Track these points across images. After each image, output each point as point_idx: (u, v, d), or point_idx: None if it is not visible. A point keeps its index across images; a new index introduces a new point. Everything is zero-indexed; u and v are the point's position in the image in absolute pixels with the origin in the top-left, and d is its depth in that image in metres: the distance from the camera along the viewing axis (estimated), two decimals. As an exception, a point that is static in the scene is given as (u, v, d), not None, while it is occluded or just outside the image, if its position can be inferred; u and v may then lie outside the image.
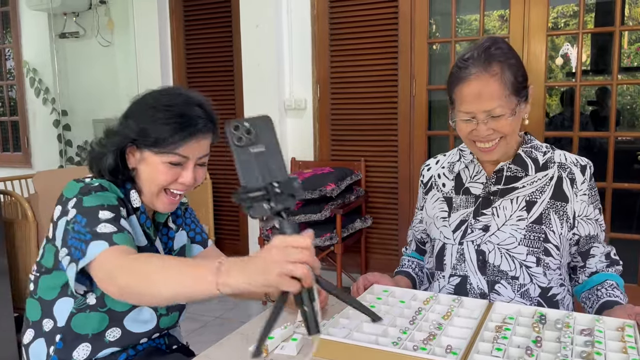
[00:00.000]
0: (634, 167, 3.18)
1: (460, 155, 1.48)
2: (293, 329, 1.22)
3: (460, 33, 3.65)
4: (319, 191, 3.21)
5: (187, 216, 1.44)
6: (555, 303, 1.36)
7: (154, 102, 1.18)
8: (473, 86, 1.25)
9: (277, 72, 3.69)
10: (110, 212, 1.11)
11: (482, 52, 1.26)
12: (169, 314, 1.31)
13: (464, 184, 1.44)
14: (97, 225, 1.08)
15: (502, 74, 1.25)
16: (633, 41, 4.90)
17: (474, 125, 1.28)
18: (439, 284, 1.43)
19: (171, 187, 1.21)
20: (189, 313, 1.47)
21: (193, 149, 1.18)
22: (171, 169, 1.18)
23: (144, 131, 1.16)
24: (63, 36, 4.55)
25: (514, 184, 1.38)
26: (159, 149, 1.16)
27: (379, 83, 3.54)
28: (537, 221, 1.33)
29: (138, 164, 1.21)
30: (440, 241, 1.43)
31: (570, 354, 1.02)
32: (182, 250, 1.38)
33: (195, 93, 1.24)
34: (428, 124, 3.47)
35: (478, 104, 1.25)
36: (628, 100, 4.78)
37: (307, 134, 3.77)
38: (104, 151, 1.20)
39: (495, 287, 1.35)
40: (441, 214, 1.45)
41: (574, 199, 1.35)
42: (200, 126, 1.17)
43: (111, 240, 1.05)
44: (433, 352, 1.03)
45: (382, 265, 3.54)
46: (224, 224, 4.23)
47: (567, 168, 1.38)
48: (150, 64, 4.14)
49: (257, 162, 0.86)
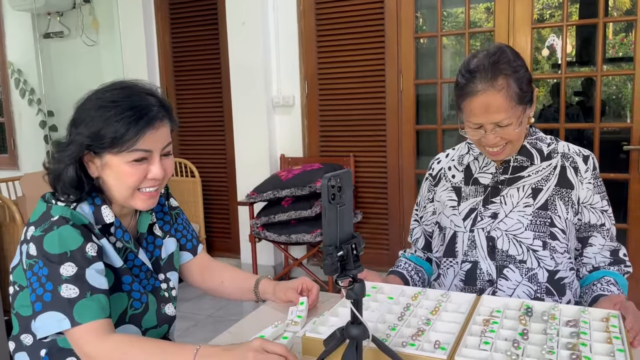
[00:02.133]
0: (620, 157, 3.20)
1: (469, 148, 1.53)
2: (284, 328, 1.23)
3: (446, 26, 3.66)
4: (309, 187, 3.21)
5: (179, 222, 1.40)
6: (562, 287, 1.40)
7: (100, 102, 1.11)
8: (480, 100, 1.30)
9: (265, 69, 3.68)
10: (73, 264, 1.05)
11: (490, 65, 1.30)
12: (158, 328, 1.27)
13: (473, 175, 1.49)
14: (59, 284, 1.04)
15: (507, 88, 1.30)
16: (618, 32, 4.93)
17: (482, 133, 1.34)
18: (454, 270, 1.47)
19: (143, 187, 1.15)
20: (179, 312, 1.48)
21: (153, 140, 1.12)
22: (137, 167, 1.12)
23: (97, 134, 1.09)
24: (47, 36, 4.51)
25: (520, 173, 1.44)
26: (119, 149, 1.09)
27: (367, 78, 3.55)
28: (543, 207, 1.39)
29: (101, 171, 1.14)
30: (451, 229, 1.48)
31: (556, 345, 1.04)
32: (171, 258, 1.33)
33: (142, 82, 1.18)
34: (416, 118, 3.48)
35: (486, 117, 1.31)
36: (614, 91, 4.82)
37: (296, 131, 3.78)
38: (60, 166, 1.12)
39: (504, 272, 1.40)
40: (450, 202, 1.50)
41: (579, 186, 1.41)
42: (154, 113, 1.11)
43: (72, 315, 1.02)
44: (422, 348, 1.05)
45: (373, 259, 3.56)
46: (214, 223, 4.22)
47: (570, 157, 1.44)
48: (136, 63, 4.11)
49: (338, 218, 0.92)
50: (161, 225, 1.34)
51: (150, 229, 1.31)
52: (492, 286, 1.40)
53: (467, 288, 1.44)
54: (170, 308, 1.30)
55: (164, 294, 1.29)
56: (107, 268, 1.14)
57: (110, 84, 1.17)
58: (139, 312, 1.21)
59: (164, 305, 1.28)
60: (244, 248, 3.90)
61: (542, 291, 1.39)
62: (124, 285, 1.19)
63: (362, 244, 0.96)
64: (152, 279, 1.27)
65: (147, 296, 1.23)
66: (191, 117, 4.17)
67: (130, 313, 1.20)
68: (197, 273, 1.44)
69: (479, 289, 1.42)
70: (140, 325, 1.22)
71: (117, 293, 1.17)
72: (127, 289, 1.19)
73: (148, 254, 1.29)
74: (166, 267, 1.32)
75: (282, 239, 3.29)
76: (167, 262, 1.32)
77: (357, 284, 0.94)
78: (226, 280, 1.44)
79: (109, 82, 1.18)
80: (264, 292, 1.40)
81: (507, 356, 1.00)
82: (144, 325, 1.23)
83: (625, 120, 4.29)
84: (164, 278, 1.31)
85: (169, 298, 1.30)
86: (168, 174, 1.18)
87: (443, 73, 3.39)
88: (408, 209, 3.53)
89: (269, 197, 3.33)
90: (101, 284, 1.09)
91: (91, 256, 1.09)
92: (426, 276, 1.59)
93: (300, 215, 3.25)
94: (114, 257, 1.17)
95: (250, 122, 3.75)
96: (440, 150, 3.43)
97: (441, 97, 3.42)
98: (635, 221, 3.04)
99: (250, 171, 3.76)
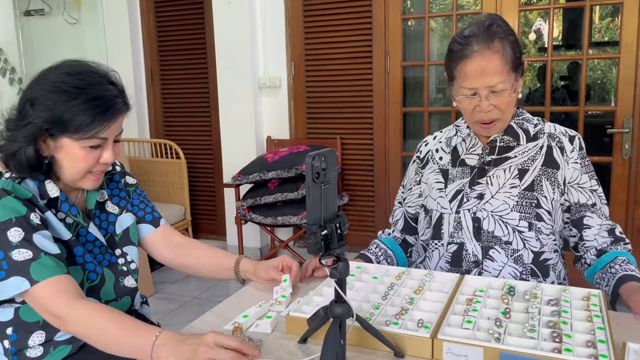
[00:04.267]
0: (604, 141, 3.23)
1: (456, 130, 1.52)
2: (268, 307, 1.23)
3: (434, 9, 3.63)
4: (295, 169, 3.20)
5: (135, 197, 1.41)
6: (546, 268, 1.41)
7: (64, 86, 1.12)
8: (476, 62, 1.29)
9: (251, 49, 3.63)
10: (20, 229, 1.08)
11: (484, 30, 1.30)
12: (118, 300, 1.28)
13: (459, 156, 1.49)
14: (10, 250, 1.06)
15: (503, 50, 1.29)
16: (604, 16, 4.95)
17: (476, 101, 1.33)
18: (439, 252, 1.47)
19: (94, 170, 1.18)
20: (165, 294, 1.46)
21: (112, 130, 1.16)
22: (91, 152, 1.15)
23: (60, 120, 1.10)
24: (28, 14, 4.40)
25: (506, 153, 1.43)
26: (80, 135, 1.12)
27: (354, 60, 3.52)
28: (529, 188, 1.39)
29: (54, 152, 1.15)
30: (437, 212, 1.48)
31: (537, 323, 1.05)
32: (126, 233, 1.34)
33: (101, 67, 1.20)
34: (403, 100, 3.48)
35: (481, 80, 1.30)
36: (599, 75, 4.85)
37: (283, 113, 3.75)
38: (14, 145, 1.12)
39: (490, 253, 1.40)
40: (437, 185, 1.50)
41: (564, 166, 1.41)
42: (119, 106, 1.16)
43: (29, 275, 1.05)
44: (405, 327, 1.05)
45: (359, 241, 3.56)
46: (200, 205, 4.20)
47: (556, 138, 1.44)
48: (119, 42, 4.04)
49: (322, 198, 0.91)
50: (117, 201, 1.35)
51: (102, 206, 1.32)
52: (478, 267, 1.41)
53: (453, 269, 1.44)
54: (130, 280, 1.31)
55: (122, 268, 1.30)
56: (57, 242, 1.15)
57: (66, 64, 1.18)
58: (96, 284, 1.23)
59: (123, 278, 1.29)
60: (229, 230, 3.89)
61: (527, 272, 1.40)
62: (77, 257, 1.20)
63: (347, 223, 0.95)
64: (107, 254, 1.28)
65: (102, 268, 1.24)
66: (176, 98, 4.12)
67: (87, 285, 1.21)
68: (164, 247, 1.43)
69: (465, 270, 1.42)
70: (99, 298, 1.23)
71: (72, 267, 1.18)
72: (81, 261, 1.20)
73: (102, 231, 1.30)
74: (122, 242, 1.33)
75: (268, 221, 3.28)
76: (123, 237, 1.33)
77: (341, 263, 0.94)
78: (202, 257, 1.43)
79: (63, 62, 1.19)
80: (244, 272, 1.40)
81: (489, 334, 1.01)
82: (104, 297, 1.24)
83: (610, 104, 4.33)
84: (120, 253, 1.32)
85: (128, 271, 1.31)
86: (116, 158, 1.22)
87: (430, 55, 3.38)
88: (394, 192, 3.53)
89: (255, 179, 3.31)
90: (54, 249, 1.11)
91: (36, 224, 1.11)
92: (395, 262, 1.57)
93: (286, 198, 3.25)
94: (62, 230, 1.18)
95: (236, 103, 3.71)
96: (427, 133, 3.44)
97: (428, 80, 3.41)
98: (618, 204, 3.08)
99: (236, 153, 3.73)
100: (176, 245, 1.43)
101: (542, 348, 0.97)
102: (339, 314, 0.95)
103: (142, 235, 1.41)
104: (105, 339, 1.04)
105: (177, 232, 1.48)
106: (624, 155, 3.04)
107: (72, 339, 1.21)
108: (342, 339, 0.94)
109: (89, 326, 1.04)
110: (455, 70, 1.34)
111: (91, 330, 1.04)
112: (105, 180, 1.34)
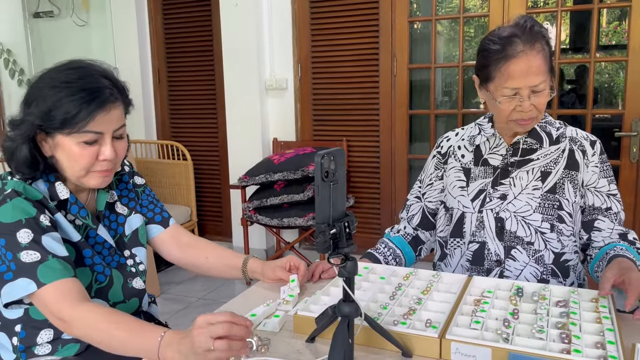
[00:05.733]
0: (612, 144, 3.22)
1: (479, 129, 1.52)
2: (275, 307, 1.23)
3: (440, 11, 3.64)
4: (301, 171, 3.20)
5: (144, 198, 1.40)
6: (566, 269, 1.42)
7: (53, 82, 1.11)
8: (522, 62, 1.29)
9: (258, 51, 3.64)
10: (29, 231, 1.08)
11: (528, 30, 1.31)
12: (126, 302, 1.28)
13: (482, 155, 1.49)
14: (18, 251, 1.06)
15: (543, 51, 1.31)
16: (611, 20, 4.93)
17: (517, 101, 1.33)
18: (461, 251, 1.48)
19: (95, 168, 1.15)
20: (171, 295, 1.47)
21: (105, 123, 1.12)
22: (88, 148, 1.12)
23: (48, 114, 1.09)
24: (37, 15, 4.43)
25: (529, 155, 1.44)
26: (69, 129, 1.10)
27: (360, 62, 3.53)
28: (552, 190, 1.40)
29: (53, 151, 1.14)
30: (459, 210, 1.48)
31: (546, 324, 1.05)
32: (135, 234, 1.33)
33: (98, 63, 1.17)
34: (409, 103, 3.47)
35: (525, 80, 1.30)
36: (606, 79, 4.83)
37: (289, 114, 3.75)
38: (13, 145, 1.13)
39: (512, 253, 1.41)
40: (458, 183, 1.50)
41: (584, 168, 1.42)
42: (106, 96, 1.11)
43: (36, 277, 1.05)
44: (413, 327, 1.05)
45: (364, 243, 3.54)
46: (206, 206, 4.21)
47: (578, 141, 1.45)
48: (127, 44, 4.06)
49: (331, 197, 0.91)
50: (126, 202, 1.35)
51: (112, 207, 1.31)
52: (500, 266, 1.41)
53: (474, 268, 1.45)
54: (139, 282, 1.31)
55: (131, 269, 1.30)
56: (66, 243, 1.15)
57: (65, 63, 1.17)
58: (104, 286, 1.22)
59: (131, 280, 1.29)
60: (235, 231, 3.89)
61: (548, 272, 1.40)
62: (86, 259, 1.20)
63: (355, 223, 0.95)
64: (116, 255, 1.28)
65: (110, 270, 1.24)
66: (183, 99, 4.14)
67: (95, 287, 1.21)
68: (174, 247, 1.43)
69: (487, 269, 1.43)
70: (107, 299, 1.23)
71: (80, 268, 1.18)
72: (89, 263, 1.20)
73: (111, 232, 1.30)
74: (131, 243, 1.33)
75: (274, 222, 3.29)
76: (132, 238, 1.33)
77: (350, 262, 0.94)
78: (211, 256, 1.43)
79: (65, 61, 1.18)
80: (252, 271, 1.40)
81: (497, 335, 1.01)
82: (112, 299, 1.24)
83: (618, 108, 4.31)
84: (129, 254, 1.32)
85: (136, 273, 1.31)
86: (120, 156, 1.19)
87: (437, 58, 3.38)
88: (400, 194, 3.53)
89: (261, 180, 3.31)
90: (62, 251, 1.11)
91: (46, 225, 1.11)
92: (404, 262, 1.56)
93: (292, 199, 3.25)
94: (71, 232, 1.18)
95: (242, 105, 3.72)
96: (434, 136, 3.44)
97: (434, 82, 3.41)
98: (625, 207, 3.05)
99: (243, 155, 3.74)
100: (185, 244, 1.44)
101: (550, 349, 0.96)
102: (347, 312, 0.95)
103: (151, 236, 1.41)
104: (110, 341, 1.04)
105: (186, 231, 1.48)
106: (631, 158, 3.03)
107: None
108: (350, 338, 0.94)
109: (93, 329, 1.04)
110: (495, 71, 1.33)
111: (96, 333, 1.04)
112: (114, 181, 1.34)
